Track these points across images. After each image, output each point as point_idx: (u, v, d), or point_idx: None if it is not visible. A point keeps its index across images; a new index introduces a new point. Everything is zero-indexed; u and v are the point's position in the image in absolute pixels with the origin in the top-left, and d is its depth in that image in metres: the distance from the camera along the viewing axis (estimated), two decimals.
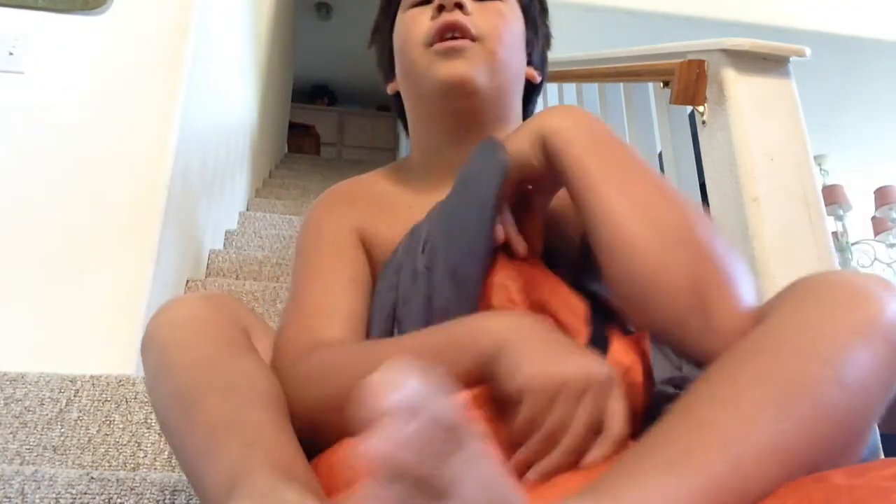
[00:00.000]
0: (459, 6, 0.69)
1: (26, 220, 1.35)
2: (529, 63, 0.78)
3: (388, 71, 0.80)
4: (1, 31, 1.47)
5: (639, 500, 0.38)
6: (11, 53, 1.46)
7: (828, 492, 0.37)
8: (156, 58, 1.52)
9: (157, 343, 0.58)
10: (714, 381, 0.45)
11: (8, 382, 1.07)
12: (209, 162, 1.90)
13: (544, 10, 0.82)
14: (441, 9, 0.69)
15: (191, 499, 0.75)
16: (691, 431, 0.42)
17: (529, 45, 0.78)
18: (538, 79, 0.80)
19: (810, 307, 0.47)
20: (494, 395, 0.49)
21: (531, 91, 0.81)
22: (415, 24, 0.72)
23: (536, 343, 0.49)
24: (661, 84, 1.51)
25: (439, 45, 0.69)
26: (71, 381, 1.08)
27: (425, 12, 0.71)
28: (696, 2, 2.59)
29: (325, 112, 6.20)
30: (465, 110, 0.71)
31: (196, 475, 0.52)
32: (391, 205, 0.73)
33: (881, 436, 0.98)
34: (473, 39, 0.69)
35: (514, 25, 0.74)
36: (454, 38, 0.68)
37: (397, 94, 0.80)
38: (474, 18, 0.70)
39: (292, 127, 4.99)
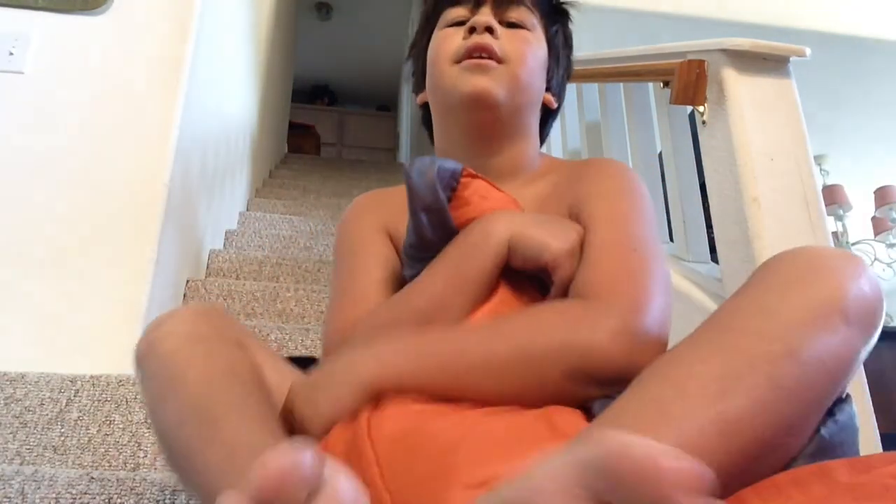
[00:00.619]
0: (490, 30, 0.76)
1: (26, 220, 1.35)
2: (549, 89, 0.84)
3: (420, 83, 0.86)
4: (1, 31, 1.47)
5: None
6: (11, 53, 1.46)
7: (831, 488, 0.37)
8: (156, 58, 1.52)
9: (160, 354, 0.58)
10: (665, 362, 0.48)
11: (8, 382, 1.07)
12: (209, 162, 1.90)
13: (568, 45, 0.88)
14: (473, 30, 0.76)
15: (191, 499, 0.75)
16: (639, 410, 0.45)
17: (550, 72, 0.83)
18: (555, 104, 0.86)
19: (769, 286, 0.49)
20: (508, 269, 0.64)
21: (548, 115, 0.87)
22: (447, 42, 0.78)
23: (537, 227, 0.64)
24: (661, 84, 1.50)
25: (467, 62, 0.75)
26: (71, 381, 1.08)
27: (458, 32, 0.78)
28: (696, 2, 2.59)
29: (325, 112, 6.22)
30: (484, 123, 0.77)
31: (211, 489, 0.51)
32: None
33: (881, 436, 0.98)
34: (499, 61, 0.75)
35: (537, 53, 0.80)
36: (482, 57, 0.75)
37: (425, 106, 0.85)
38: (502, 42, 0.76)
39: (292, 127, 4.99)
